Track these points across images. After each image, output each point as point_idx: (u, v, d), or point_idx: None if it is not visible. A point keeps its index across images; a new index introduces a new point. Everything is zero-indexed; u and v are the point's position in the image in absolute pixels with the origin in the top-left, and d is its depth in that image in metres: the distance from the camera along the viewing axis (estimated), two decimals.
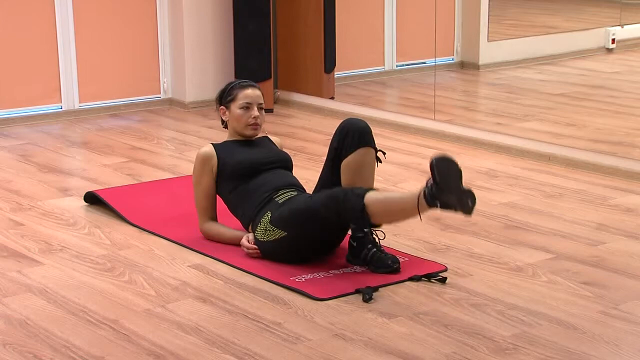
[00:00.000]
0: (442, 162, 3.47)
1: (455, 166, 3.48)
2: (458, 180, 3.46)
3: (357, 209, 3.56)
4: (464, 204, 3.44)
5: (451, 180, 3.44)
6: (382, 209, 3.58)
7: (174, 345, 3.15)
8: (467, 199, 3.44)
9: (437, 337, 3.19)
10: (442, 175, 3.43)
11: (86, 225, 4.38)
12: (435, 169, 3.45)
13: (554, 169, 5.25)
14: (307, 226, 3.72)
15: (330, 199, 3.65)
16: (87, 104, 6.70)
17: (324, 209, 3.65)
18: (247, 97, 4.08)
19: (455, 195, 3.43)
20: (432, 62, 6.79)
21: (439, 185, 3.44)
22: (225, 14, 6.85)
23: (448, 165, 3.47)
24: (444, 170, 3.44)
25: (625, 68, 7.26)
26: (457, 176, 3.47)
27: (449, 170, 3.46)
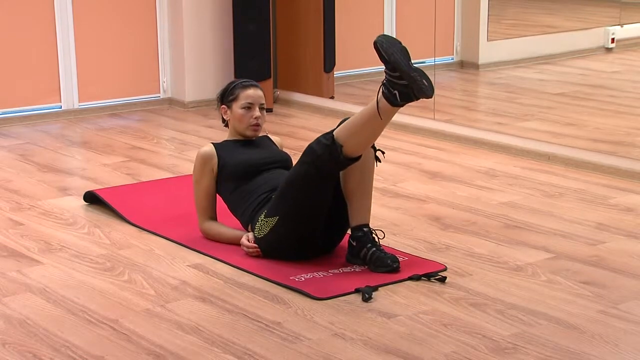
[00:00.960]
0: (385, 39, 3.51)
1: (398, 43, 3.50)
2: (406, 56, 3.47)
3: (327, 143, 3.60)
4: (420, 84, 3.43)
5: (398, 56, 3.45)
6: (348, 130, 3.61)
7: (174, 344, 3.15)
8: (421, 78, 3.44)
9: (437, 336, 3.19)
10: (389, 52, 3.46)
11: (86, 224, 4.38)
12: (380, 47, 3.48)
13: (554, 169, 5.26)
14: (293, 195, 3.71)
15: (303, 154, 3.69)
16: (86, 104, 6.70)
17: (300, 166, 3.68)
18: (249, 97, 4.08)
19: (407, 73, 3.43)
20: (431, 61, 6.78)
21: (390, 62, 3.46)
22: (225, 14, 6.85)
23: (392, 42, 3.50)
24: (389, 47, 3.47)
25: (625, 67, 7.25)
26: (404, 52, 3.49)
27: (394, 47, 3.48)
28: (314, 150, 3.64)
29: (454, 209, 4.56)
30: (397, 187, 4.92)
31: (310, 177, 3.66)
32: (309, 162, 3.65)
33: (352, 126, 3.62)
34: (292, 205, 3.73)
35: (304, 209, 3.74)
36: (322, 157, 3.61)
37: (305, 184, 3.69)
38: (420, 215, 4.47)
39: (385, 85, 3.54)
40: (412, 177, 5.13)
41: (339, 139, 3.61)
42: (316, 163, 3.63)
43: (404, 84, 3.48)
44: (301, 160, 3.70)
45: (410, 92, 3.48)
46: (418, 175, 5.15)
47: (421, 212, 4.52)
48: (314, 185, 3.69)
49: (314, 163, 3.63)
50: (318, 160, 3.62)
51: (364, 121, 3.61)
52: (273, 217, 3.77)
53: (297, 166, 3.74)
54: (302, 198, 3.72)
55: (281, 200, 3.76)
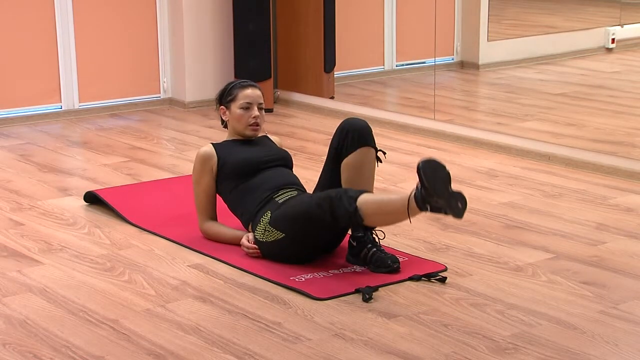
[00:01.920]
0: (429, 165, 3.41)
1: (442, 170, 3.43)
2: (446, 183, 3.40)
3: (350, 210, 3.55)
4: (454, 206, 3.38)
5: (439, 184, 3.38)
6: (373, 211, 3.55)
7: (174, 345, 3.15)
8: (456, 201, 3.38)
9: (437, 336, 3.19)
10: (430, 180, 3.38)
11: (86, 225, 4.38)
12: (422, 173, 3.39)
13: (554, 169, 5.26)
14: (304, 228, 3.72)
15: (324, 199, 3.64)
16: (87, 104, 6.70)
17: (319, 209, 3.64)
18: (247, 97, 4.08)
19: (444, 198, 3.38)
20: (432, 61, 6.78)
21: (428, 189, 3.40)
22: (225, 14, 6.85)
23: (435, 169, 3.41)
24: (431, 174, 3.39)
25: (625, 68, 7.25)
26: (445, 180, 3.41)
27: (436, 174, 3.40)
28: (335, 208, 3.59)
29: None
30: (398, 187, 4.92)
31: (324, 222, 3.66)
32: (327, 210, 3.61)
33: (377, 209, 3.55)
34: (301, 232, 3.74)
35: (313, 237, 3.76)
36: (341, 218, 3.60)
37: (317, 224, 3.68)
38: (421, 216, 4.46)
39: (420, 196, 3.43)
40: (412, 177, 5.11)
41: (362, 211, 3.54)
42: (333, 217, 3.61)
43: (438, 206, 3.43)
44: (318, 203, 3.65)
45: (442, 210, 3.43)
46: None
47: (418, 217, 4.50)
48: (326, 227, 3.70)
49: (331, 214, 3.60)
50: (336, 217, 3.60)
51: (391, 211, 3.55)
52: (279, 231, 3.77)
53: (313, 205, 3.67)
54: (310, 230, 3.73)
55: (291, 222, 3.75)
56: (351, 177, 3.81)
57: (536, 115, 6.41)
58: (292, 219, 3.74)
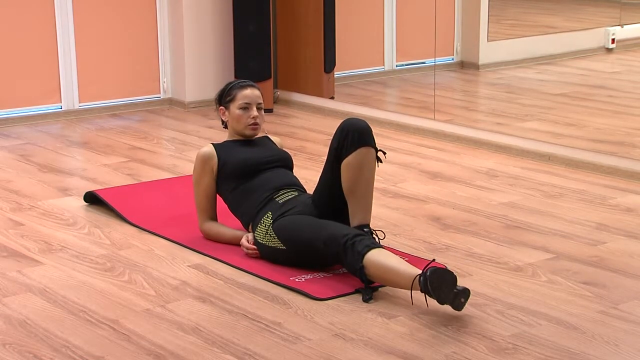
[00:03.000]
0: (436, 276, 3.29)
1: (449, 275, 3.31)
2: (452, 287, 3.31)
3: (356, 267, 3.51)
4: (457, 304, 3.32)
5: (444, 291, 3.29)
6: (378, 275, 3.49)
7: (174, 345, 3.15)
8: (460, 298, 3.32)
9: (437, 336, 3.19)
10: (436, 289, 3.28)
11: (86, 225, 4.38)
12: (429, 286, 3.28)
13: (554, 169, 5.25)
14: (305, 252, 3.72)
15: (333, 241, 3.59)
16: (87, 104, 6.70)
17: (323, 246, 3.62)
18: (246, 97, 4.08)
19: (448, 298, 3.31)
20: (431, 62, 6.78)
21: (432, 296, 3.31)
22: (225, 14, 6.85)
23: (442, 276, 3.30)
24: (437, 285, 3.29)
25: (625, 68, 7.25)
26: (451, 284, 3.31)
27: (443, 282, 3.30)
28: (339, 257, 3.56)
29: (454, 209, 4.56)
30: (397, 188, 4.92)
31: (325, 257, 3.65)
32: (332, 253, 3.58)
33: (381, 276, 3.48)
34: (300, 253, 3.74)
35: (312, 258, 3.74)
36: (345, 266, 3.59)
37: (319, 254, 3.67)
38: (421, 216, 4.47)
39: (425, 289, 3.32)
40: (412, 177, 5.13)
41: (367, 270, 3.48)
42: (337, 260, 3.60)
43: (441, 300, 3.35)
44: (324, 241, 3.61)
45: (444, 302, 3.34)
46: (418, 176, 5.15)
47: (421, 213, 4.52)
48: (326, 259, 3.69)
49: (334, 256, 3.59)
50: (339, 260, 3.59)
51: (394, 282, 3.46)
52: (281, 242, 3.76)
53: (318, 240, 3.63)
54: (311, 255, 3.72)
55: (294, 240, 3.74)
56: (351, 177, 3.81)
57: (536, 115, 6.41)
58: (296, 239, 3.74)
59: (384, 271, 3.46)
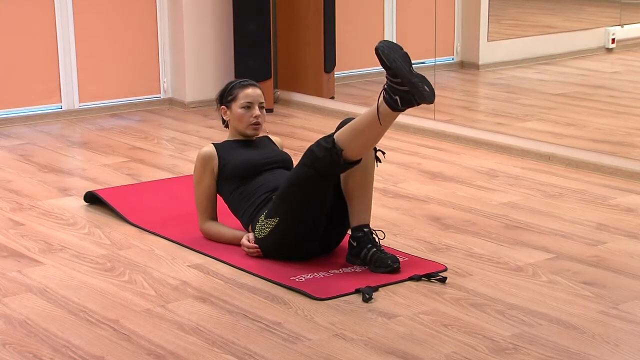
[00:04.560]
0: (387, 45, 3.48)
1: (400, 49, 3.47)
2: (407, 62, 3.44)
3: (328, 147, 3.58)
4: (421, 90, 3.39)
5: (400, 62, 3.41)
6: (349, 134, 3.58)
7: (174, 345, 3.15)
8: (422, 84, 3.41)
9: (437, 337, 3.19)
10: (390, 58, 3.42)
11: (86, 225, 4.38)
12: (381, 53, 3.45)
13: (554, 169, 5.26)
14: (293, 197, 3.71)
15: (303, 156, 3.69)
16: (87, 104, 6.70)
17: (300, 168, 3.68)
18: (248, 97, 4.08)
19: (408, 79, 3.39)
20: (432, 61, 6.78)
21: (391, 68, 3.43)
22: (225, 14, 6.85)
23: (392, 48, 3.47)
24: (390, 53, 3.44)
25: (625, 68, 7.25)
26: (405, 58, 3.46)
27: (396, 53, 3.46)
28: (314, 153, 3.64)
29: (454, 209, 4.57)
30: (397, 188, 4.92)
31: (310, 179, 3.67)
32: (309, 164, 3.65)
33: (352, 130, 3.60)
34: (293, 206, 3.73)
35: (304, 209, 3.74)
36: (323, 160, 3.61)
37: (305, 186, 3.69)
38: (421, 216, 4.47)
39: (387, 91, 3.52)
40: (412, 177, 5.13)
41: (340, 143, 3.59)
42: (316, 165, 3.63)
43: (405, 90, 3.46)
44: (301, 162, 3.70)
45: (411, 98, 3.47)
46: (418, 176, 5.15)
47: (421, 213, 4.52)
48: (313, 187, 3.70)
49: (313, 165, 3.63)
50: (318, 162, 3.62)
51: (365, 126, 3.59)
52: (273, 218, 3.77)
53: (297, 168, 3.74)
54: (302, 199, 3.72)
55: (281, 201, 3.76)
56: (350, 178, 3.80)
57: (536, 115, 6.41)
58: (282, 197, 3.75)
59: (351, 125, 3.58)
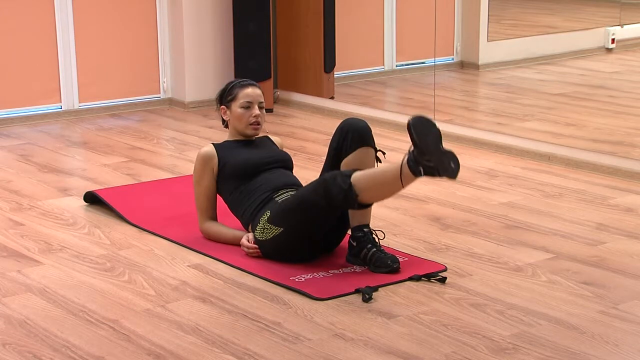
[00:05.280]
0: (419, 122, 3.42)
1: (433, 126, 3.43)
2: (437, 141, 3.40)
3: (344, 187, 3.54)
4: (446, 166, 3.36)
5: (430, 141, 3.37)
6: (367, 183, 3.54)
7: (174, 345, 3.15)
8: (449, 161, 3.38)
9: (437, 336, 3.19)
10: (420, 136, 3.37)
11: (86, 225, 4.38)
12: (412, 130, 3.40)
13: (554, 169, 5.26)
14: (301, 217, 3.71)
15: (319, 184, 3.65)
16: (86, 104, 6.70)
17: (313, 194, 3.65)
18: (248, 96, 4.08)
19: (436, 157, 3.36)
20: (431, 61, 6.78)
21: (419, 147, 3.39)
22: (225, 14, 6.85)
23: (426, 125, 3.41)
24: (422, 130, 3.39)
25: (625, 68, 7.25)
26: (436, 137, 3.41)
27: (427, 130, 3.41)
28: (329, 188, 3.59)
29: (454, 209, 4.57)
30: None
31: (321, 207, 3.66)
32: (322, 194, 3.61)
33: (372, 181, 3.55)
34: (299, 222, 3.74)
35: (310, 227, 3.75)
36: (336, 197, 3.59)
37: (314, 210, 3.68)
38: (420, 216, 4.47)
39: (411, 160, 3.44)
40: None
41: (356, 187, 3.54)
42: (328, 198, 3.60)
43: (430, 165, 3.42)
44: (313, 188, 3.66)
45: (434, 171, 3.42)
46: None
47: (421, 213, 4.52)
48: (322, 212, 3.70)
49: (326, 197, 3.61)
50: (331, 198, 3.59)
51: (385, 181, 3.54)
52: (277, 226, 3.77)
53: (309, 191, 3.69)
54: (309, 220, 3.73)
55: (288, 214, 3.75)
56: None
57: (536, 115, 6.41)
58: (289, 211, 3.74)
59: (372, 176, 3.54)
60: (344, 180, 3.57)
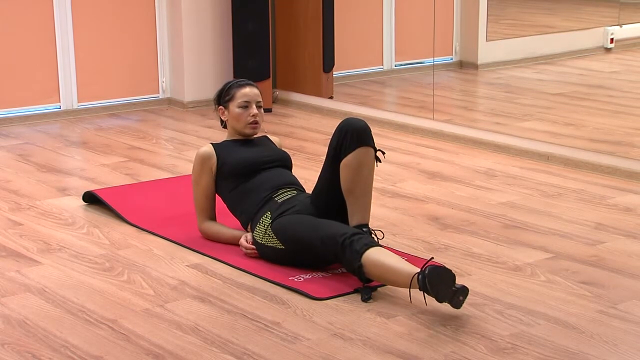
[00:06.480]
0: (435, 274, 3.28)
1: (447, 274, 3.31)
2: (451, 285, 3.30)
3: (354, 266, 3.50)
4: (455, 302, 3.32)
5: (443, 289, 3.29)
6: (376, 273, 3.48)
7: (173, 344, 3.15)
8: (459, 296, 3.31)
9: (436, 336, 3.19)
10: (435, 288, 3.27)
11: (85, 224, 4.38)
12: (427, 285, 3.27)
13: (553, 169, 5.26)
14: (304, 251, 3.72)
15: (331, 240, 3.58)
16: (85, 104, 6.70)
17: (322, 246, 3.62)
18: (246, 96, 4.08)
19: (447, 296, 3.30)
20: (430, 61, 6.78)
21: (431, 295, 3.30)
22: (224, 14, 6.85)
23: (440, 275, 3.29)
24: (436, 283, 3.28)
25: (624, 68, 7.25)
26: (450, 282, 3.31)
27: (442, 280, 3.29)
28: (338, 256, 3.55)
29: (452, 209, 4.57)
30: (396, 187, 4.92)
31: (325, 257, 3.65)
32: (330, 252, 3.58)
33: (381, 273, 3.46)
34: (300, 252, 3.73)
35: (311, 258, 3.74)
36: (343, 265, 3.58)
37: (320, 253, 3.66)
38: (419, 215, 4.48)
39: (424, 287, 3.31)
40: (411, 177, 5.13)
41: (365, 269, 3.48)
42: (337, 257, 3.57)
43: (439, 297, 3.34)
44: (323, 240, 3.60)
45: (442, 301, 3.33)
46: (417, 175, 5.15)
47: (420, 212, 4.52)
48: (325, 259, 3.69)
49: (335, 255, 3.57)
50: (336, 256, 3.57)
51: (393, 281, 3.45)
52: (279, 242, 3.76)
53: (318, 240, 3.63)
54: (310, 255, 3.72)
55: (292, 240, 3.74)
56: (350, 177, 3.81)
57: (535, 115, 6.41)
58: (295, 239, 3.73)
59: (383, 270, 3.46)
60: (355, 259, 3.50)
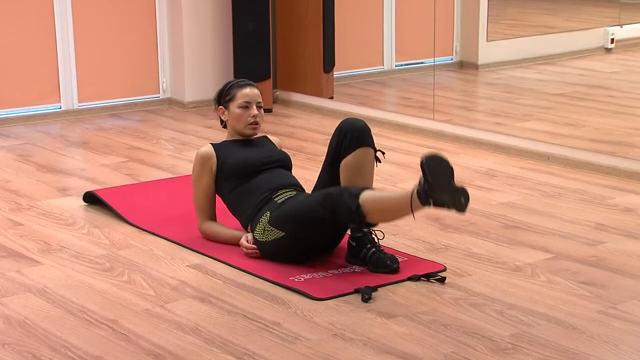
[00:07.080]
0: (433, 160, 3.42)
1: (446, 164, 3.43)
2: (450, 178, 3.40)
3: (352, 208, 3.54)
4: (457, 202, 3.38)
5: (443, 179, 3.38)
6: (376, 207, 3.55)
7: (173, 345, 3.15)
8: (459, 196, 3.39)
9: (436, 336, 3.19)
10: (433, 174, 3.38)
11: (85, 225, 4.38)
12: (425, 168, 3.40)
13: (553, 169, 5.26)
14: (304, 226, 3.72)
15: (326, 197, 3.64)
16: (86, 104, 6.70)
17: (320, 208, 3.64)
18: (246, 96, 4.08)
19: (448, 193, 3.38)
20: (431, 61, 6.78)
21: (431, 184, 3.41)
22: (224, 14, 6.85)
23: (439, 164, 3.41)
24: (434, 169, 3.39)
25: (624, 68, 7.26)
26: (449, 174, 3.41)
27: (440, 169, 3.41)
28: (336, 205, 3.59)
29: None
30: (397, 187, 4.92)
31: (324, 220, 3.67)
32: (328, 208, 3.61)
33: (379, 205, 3.54)
34: (302, 231, 3.74)
35: (313, 234, 3.75)
36: (343, 215, 3.59)
37: (318, 223, 3.69)
38: (420, 216, 4.47)
39: (422, 192, 3.42)
40: (411, 177, 5.12)
41: (364, 208, 3.53)
42: (333, 214, 3.60)
43: (441, 200, 3.41)
44: (321, 201, 3.65)
45: (444, 204, 3.42)
46: (417, 176, 5.12)
47: (420, 212, 4.51)
48: (326, 226, 3.71)
49: (332, 214, 3.61)
50: (336, 214, 3.60)
51: (393, 208, 3.53)
52: (279, 230, 3.77)
53: (315, 203, 3.68)
54: (312, 230, 3.73)
55: (292, 220, 3.75)
56: (350, 177, 3.81)
57: (535, 115, 6.41)
58: (293, 217, 3.74)
59: (381, 202, 3.52)
60: (352, 200, 3.55)
